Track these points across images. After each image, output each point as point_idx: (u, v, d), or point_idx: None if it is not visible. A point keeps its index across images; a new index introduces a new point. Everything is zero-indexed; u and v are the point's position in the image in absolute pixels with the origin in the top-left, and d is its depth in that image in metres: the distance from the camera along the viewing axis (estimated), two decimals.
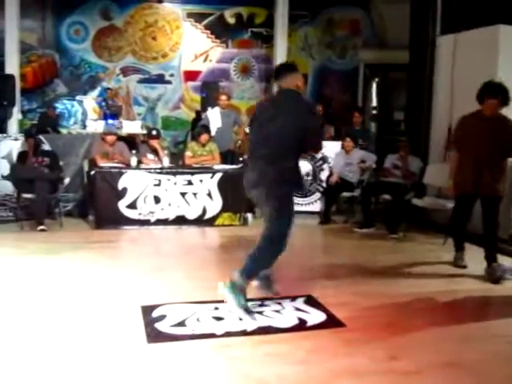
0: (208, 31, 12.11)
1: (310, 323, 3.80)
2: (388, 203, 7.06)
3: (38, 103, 11.53)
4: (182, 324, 3.70)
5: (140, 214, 6.95)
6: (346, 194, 7.64)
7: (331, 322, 3.82)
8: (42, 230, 6.64)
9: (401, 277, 5.06)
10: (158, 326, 3.67)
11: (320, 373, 3.07)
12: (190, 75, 11.85)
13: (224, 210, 7.10)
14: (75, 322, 3.74)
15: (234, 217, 7.18)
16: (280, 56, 10.34)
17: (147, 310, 3.89)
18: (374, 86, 12.46)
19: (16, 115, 9.99)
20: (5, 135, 8.17)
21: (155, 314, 3.87)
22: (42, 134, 7.89)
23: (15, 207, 7.20)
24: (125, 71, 11.93)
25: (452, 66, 7.19)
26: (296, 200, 8.04)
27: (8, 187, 7.31)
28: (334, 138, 8.67)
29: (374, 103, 12.41)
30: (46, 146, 7.56)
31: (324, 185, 7.94)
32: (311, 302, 4.19)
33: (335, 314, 3.94)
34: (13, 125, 9.90)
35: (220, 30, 12.14)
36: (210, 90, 9.95)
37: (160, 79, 11.97)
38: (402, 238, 6.61)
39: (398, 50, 9.39)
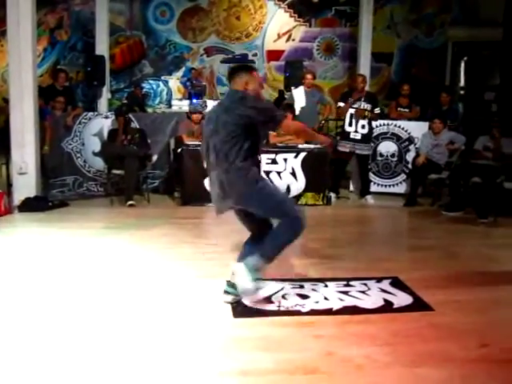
0: (291, 10, 11.99)
1: (396, 305, 3.73)
2: (478, 186, 6.79)
3: (125, 83, 11.87)
4: (267, 300, 3.73)
5: None
6: (432, 176, 7.41)
7: (418, 306, 3.73)
8: (131, 206, 6.88)
9: (492, 263, 4.86)
10: (245, 300, 3.72)
11: (407, 355, 3.00)
12: (273, 55, 11.81)
13: (307, 189, 7.08)
14: (162, 295, 3.86)
15: (318, 196, 7.15)
16: (365, 35, 10.09)
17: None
18: (463, 64, 11.95)
19: (105, 94, 10.38)
20: (96, 113, 8.46)
21: None
22: (130, 112, 8.13)
23: (105, 183, 7.50)
24: (208, 51, 12.05)
25: None
26: (380, 181, 8.03)
27: (99, 163, 7.61)
28: (420, 119, 8.42)
29: (462, 83, 11.91)
30: (135, 125, 7.80)
31: (410, 166, 7.76)
32: (397, 284, 4.11)
33: (422, 297, 3.84)
34: (102, 104, 10.29)
35: (303, 9, 11.98)
36: (293, 69, 9.87)
37: (243, 59, 11.99)
38: (492, 223, 6.34)
39: (490, 27, 8.97)
